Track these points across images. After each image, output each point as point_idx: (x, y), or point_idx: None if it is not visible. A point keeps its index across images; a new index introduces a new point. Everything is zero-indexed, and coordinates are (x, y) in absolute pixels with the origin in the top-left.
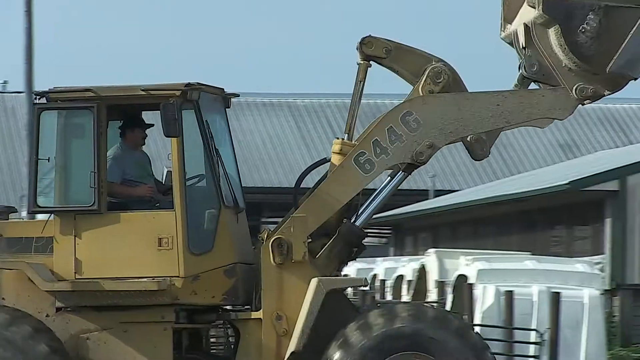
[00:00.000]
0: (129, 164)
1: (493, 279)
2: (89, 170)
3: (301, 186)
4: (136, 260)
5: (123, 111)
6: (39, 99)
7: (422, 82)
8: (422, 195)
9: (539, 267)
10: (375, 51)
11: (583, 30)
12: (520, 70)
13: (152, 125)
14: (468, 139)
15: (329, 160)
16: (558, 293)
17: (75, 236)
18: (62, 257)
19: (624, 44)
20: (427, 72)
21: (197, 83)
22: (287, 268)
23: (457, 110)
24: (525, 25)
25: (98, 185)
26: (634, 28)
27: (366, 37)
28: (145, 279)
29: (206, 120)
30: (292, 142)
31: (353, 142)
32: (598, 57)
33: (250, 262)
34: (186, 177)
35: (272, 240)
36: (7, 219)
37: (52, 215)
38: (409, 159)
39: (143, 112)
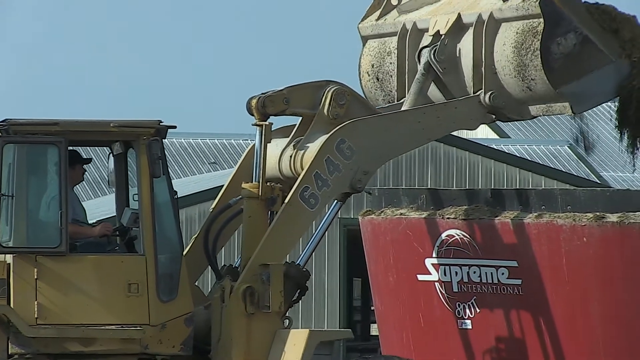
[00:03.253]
0: (75, 203)
1: None
2: (51, 208)
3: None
4: (103, 306)
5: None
6: None
7: (326, 106)
8: None
9: None
10: (277, 107)
11: (559, 42)
12: (428, 56)
13: (91, 160)
14: None
15: (232, 205)
16: None
17: (37, 279)
18: (21, 301)
19: (584, 77)
20: (329, 96)
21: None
22: (256, 318)
23: (384, 132)
24: (459, 15)
25: (66, 225)
26: (598, 70)
27: (263, 98)
28: (118, 327)
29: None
30: None
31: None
32: (558, 73)
33: None
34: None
35: (242, 289)
36: None
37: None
38: (347, 188)
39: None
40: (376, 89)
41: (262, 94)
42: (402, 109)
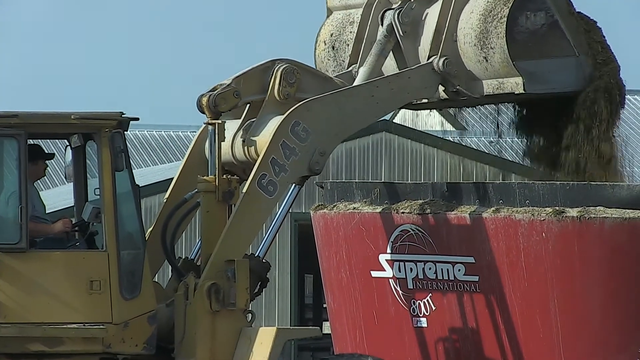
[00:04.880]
0: (35, 199)
1: None
2: (11, 203)
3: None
4: (65, 304)
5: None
6: None
7: (276, 87)
8: None
9: None
10: (229, 102)
11: (528, 16)
12: (391, 18)
13: (53, 155)
14: None
15: (188, 200)
16: None
17: None
18: None
19: (544, 60)
20: (278, 76)
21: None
22: (221, 315)
23: (339, 110)
24: None
25: (26, 221)
26: (560, 59)
27: (214, 96)
28: (79, 325)
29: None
30: None
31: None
32: (519, 46)
33: None
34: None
35: (207, 286)
36: None
37: None
38: (305, 171)
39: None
40: (329, 58)
41: (211, 91)
42: (358, 76)
